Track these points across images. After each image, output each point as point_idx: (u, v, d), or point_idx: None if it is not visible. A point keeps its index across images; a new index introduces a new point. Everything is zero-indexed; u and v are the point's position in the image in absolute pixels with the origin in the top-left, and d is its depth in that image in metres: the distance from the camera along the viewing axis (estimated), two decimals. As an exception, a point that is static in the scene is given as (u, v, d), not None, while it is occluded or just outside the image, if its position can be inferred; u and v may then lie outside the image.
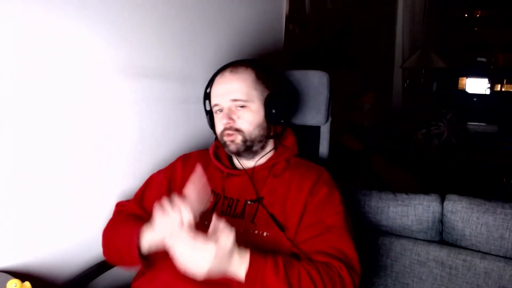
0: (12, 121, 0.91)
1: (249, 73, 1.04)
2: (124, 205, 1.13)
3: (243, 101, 1.01)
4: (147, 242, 0.92)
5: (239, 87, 1.02)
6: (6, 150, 0.91)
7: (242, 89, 1.02)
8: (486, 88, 5.31)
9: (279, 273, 0.82)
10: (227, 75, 1.04)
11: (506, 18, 5.03)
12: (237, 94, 1.01)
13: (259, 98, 1.04)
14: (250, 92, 1.02)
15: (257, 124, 1.03)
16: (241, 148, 1.03)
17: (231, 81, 1.03)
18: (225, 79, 1.04)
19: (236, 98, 1.01)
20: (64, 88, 1.01)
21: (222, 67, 1.09)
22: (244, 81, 1.02)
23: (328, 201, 0.97)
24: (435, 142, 2.87)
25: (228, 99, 1.02)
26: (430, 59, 3.69)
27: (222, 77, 1.05)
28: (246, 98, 1.01)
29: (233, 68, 1.05)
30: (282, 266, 0.83)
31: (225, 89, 1.03)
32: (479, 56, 5.32)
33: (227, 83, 1.03)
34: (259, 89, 1.04)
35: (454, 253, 1.17)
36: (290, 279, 0.82)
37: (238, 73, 1.03)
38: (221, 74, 1.06)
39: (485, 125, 3.77)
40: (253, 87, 1.03)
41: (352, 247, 0.90)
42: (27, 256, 0.98)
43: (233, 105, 1.02)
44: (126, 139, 1.20)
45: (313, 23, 2.38)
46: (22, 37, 0.91)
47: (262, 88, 1.05)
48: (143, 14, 1.19)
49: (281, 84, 1.10)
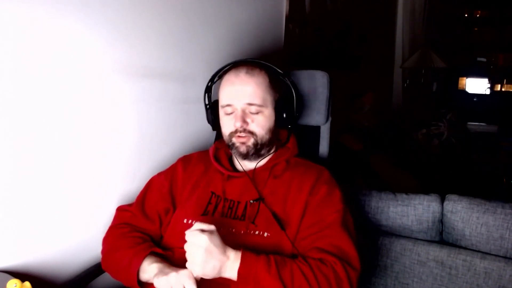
0: (11, 121, 0.91)
1: (264, 77, 1.03)
2: (125, 210, 1.10)
3: (259, 106, 1.01)
4: (145, 278, 0.92)
5: (255, 91, 1.00)
6: (6, 150, 0.91)
7: (258, 93, 1.01)
8: (486, 88, 5.31)
9: (271, 270, 0.83)
10: (243, 75, 1.01)
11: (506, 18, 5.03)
12: (254, 99, 1.00)
13: (271, 102, 1.04)
14: (265, 96, 1.02)
15: (268, 129, 1.04)
16: (251, 151, 1.03)
17: (248, 83, 1.01)
18: (241, 79, 1.01)
19: (252, 102, 1.00)
20: (63, 88, 1.01)
21: (233, 65, 1.06)
22: (260, 85, 1.01)
23: (328, 200, 0.97)
24: (435, 142, 2.86)
25: (244, 101, 1.00)
26: (430, 59, 3.68)
27: (237, 77, 1.02)
28: (261, 103, 1.01)
29: (248, 69, 1.03)
30: (274, 263, 0.84)
31: (241, 90, 1.01)
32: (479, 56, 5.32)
33: (243, 85, 1.01)
34: (271, 94, 1.04)
35: (454, 253, 1.17)
36: (282, 276, 0.83)
37: (254, 76, 1.02)
38: (236, 74, 1.03)
39: (485, 125, 3.77)
40: (267, 91, 1.03)
41: (350, 243, 0.90)
42: (27, 256, 0.98)
43: (247, 108, 1.01)
44: (126, 139, 1.20)
45: (313, 23, 2.38)
46: (22, 37, 0.91)
47: (274, 92, 1.05)
48: (143, 14, 1.19)
49: (291, 88, 1.09)
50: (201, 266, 0.82)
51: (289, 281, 0.82)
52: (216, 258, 0.82)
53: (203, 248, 0.81)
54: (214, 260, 0.82)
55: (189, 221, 1.01)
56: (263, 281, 0.82)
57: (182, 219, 1.02)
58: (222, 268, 0.84)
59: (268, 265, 0.84)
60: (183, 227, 1.00)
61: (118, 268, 0.97)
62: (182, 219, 1.02)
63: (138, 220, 1.06)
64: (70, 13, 0.99)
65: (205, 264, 0.82)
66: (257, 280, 0.83)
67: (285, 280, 0.82)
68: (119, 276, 0.98)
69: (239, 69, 1.03)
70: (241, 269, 0.83)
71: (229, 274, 0.84)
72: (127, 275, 0.93)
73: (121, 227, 1.06)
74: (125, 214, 1.09)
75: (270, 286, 0.82)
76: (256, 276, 0.83)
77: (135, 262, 0.93)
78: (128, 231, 1.04)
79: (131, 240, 1.00)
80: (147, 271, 0.91)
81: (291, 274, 0.83)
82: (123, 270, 0.95)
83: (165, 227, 1.06)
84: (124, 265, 0.94)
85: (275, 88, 1.06)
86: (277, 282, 0.82)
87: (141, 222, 1.06)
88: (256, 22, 1.72)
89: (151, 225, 1.06)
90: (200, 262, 0.82)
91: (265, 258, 0.85)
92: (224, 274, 0.84)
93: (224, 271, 0.84)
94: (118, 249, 1.00)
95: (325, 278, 0.83)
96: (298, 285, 0.82)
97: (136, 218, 1.06)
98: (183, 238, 0.85)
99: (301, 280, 0.83)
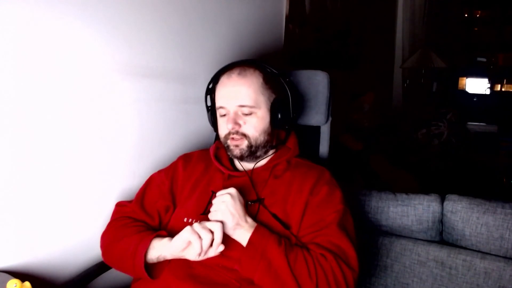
0: (11, 121, 0.91)
1: (257, 77, 1.02)
2: (125, 206, 1.10)
3: (250, 107, 1.00)
4: (155, 254, 0.92)
5: (247, 92, 0.99)
6: (6, 150, 0.91)
7: (249, 94, 1.00)
8: (486, 88, 5.30)
9: (280, 246, 0.87)
10: (235, 77, 1.01)
11: (506, 18, 5.02)
12: (245, 100, 0.99)
13: (266, 103, 1.02)
14: (257, 97, 1.01)
15: (262, 130, 1.03)
16: (246, 153, 1.03)
17: (239, 85, 1.00)
18: (232, 81, 1.01)
19: (243, 104, 0.99)
20: (63, 88, 1.01)
21: (229, 66, 1.06)
22: (252, 86, 1.00)
23: (329, 200, 0.97)
24: (435, 142, 2.86)
25: (235, 104, 1.00)
26: (430, 59, 3.68)
27: (229, 79, 1.01)
28: (253, 104, 1.00)
29: (241, 70, 1.02)
30: (283, 242, 0.89)
31: (232, 92, 1.00)
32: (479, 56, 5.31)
33: (234, 86, 1.00)
34: (266, 94, 1.02)
35: (454, 253, 1.17)
36: (288, 255, 0.86)
37: (247, 77, 1.01)
38: (228, 75, 1.02)
39: (485, 125, 3.77)
40: (261, 92, 1.01)
41: (348, 243, 0.91)
42: (27, 256, 0.98)
43: (240, 110, 1.00)
44: (126, 139, 1.20)
45: (313, 23, 2.38)
46: (22, 36, 0.91)
47: (269, 93, 1.03)
48: (143, 14, 1.19)
49: (287, 88, 1.08)
50: (223, 210, 0.89)
51: (292, 262, 0.86)
52: (238, 210, 0.90)
53: (230, 196, 0.90)
54: (235, 210, 0.89)
55: (189, 220, 1.01)
56: (271, 253, 0.86)
57: (182, 217, 1.02)
58: (237, 227, 0.89)
59: (278, 242, 0.88)
60: (183, 226, 1.00)
61: (123, 256, 0.95)
62: (182, 217, 1.02)
63: (138, 215, 1.06)
64: (70, 13, 0.99)
65: (227, 208, 0.89)
66: (265, 250, 0.87)
67: (290, 259, 0.86)
68: (123, 265, 0.96)
69: (232, 71, 1.03)
70: (254, 236, 0.88)
71: (241, 237, 0.90)
72: (134, 260, 0.91)
73: (122, 219, 1.06)
74: (125, 209, 1.09)
75: (276, 259, 0.86)
76: (266, 247, 0.87)
77: (142, 245, 0.92)
78: (130, 222, 1.04)
79: (134, 229, 1.00)
80: (157, 246, 0.92)
81: (296, 257, 0.87)
82: (128, 258, 0.93)
83: (165, 226, 1.05)
84: (130, 252, 0.93)
85: (271, 89, 1.04)
86: (283, 258, 0.86)
87: (140, 217, 1.06)
88: (256, 22, 1.72)
89: (150, 220, 1.05)
90: (224, 207, 0.89)
91: (277, 236, 0.90)
92: (237, 233, 0.90)
93: (238, 229, 0.90)
94: (121, 238, 0.98)
95: (323, 272, 0.85)
96: (299, 270, 0.85)
97: (136, 213, 1.06)
98: None
99: (302, 266, 0.85)
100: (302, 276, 0.84)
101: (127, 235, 0.98)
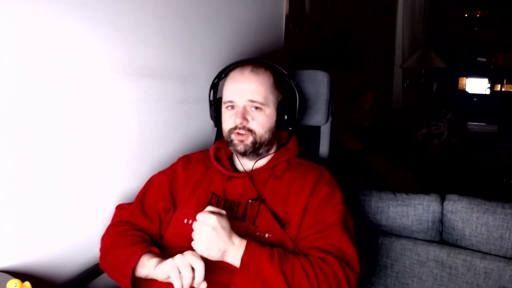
0: (11, 121, 0.91)
1: (269, 77, 1.05)
2: (125, 209, 1.10)
3: (260, 103, 1.02)
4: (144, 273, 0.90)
5: (258, 89, 1.02)
6: (5, 150, 0.91)
7: (261, 91, 1.02)
8: (486, 88, 5.30)
9: (274, 262, 0.84)
10: (248, 74, 1.03)
11: (506, 18, 5.02)
12: (256, 96, 1.01)
13: (274, 103, 1.05)
14: (267, 96, 1.03)
15: (268, 128, 1.04)
16: (249, 149, 1.03)
17: (251, 81, 1.02)
18: (244, 77, 1.03)
19: (254, 99, 1.01)
20: (63, 88, 1.01)
21: (240, 63, 1.08)
22: (264, 84, 1.03)
23: (329, 201, 0.97)
24: (435, 142, 2.86)
25: (246, 98, 1.01)
26: (430, 59, 3.68)
27: (241, 75, 1.04)
28: (263, 101, 1.02)
29: (254, 67, 1.04)
30: (277, 255, 0.85)
31: (244, 88, 1.02)
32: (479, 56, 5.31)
33: (247, 82, 1.02)
34: (275, 94, 1.05)
35: (454, 253, 1.17)
36: (284, 269, 0.84)
37: (259, 75, 1.03)
38: (241, 71, 1.04)
39: (485, 125, 3.77)
40: (270, 91, 1.04)
41: (349, 244, 0.90)
42: (27, 256, 0.98)
43: (249, 105, 1.02)
44: (126, 139, 1.20)
45: (313, 23, 2.38)
46: (22, 36, 0.91)
47: (277, 93, 1.06)
48: (143, 14, 1.19)
49: (295, 90, 1.10)
50: (206, 244, 0.83)
51: (290, 275, 0.83)
52: (222, 239, 0.84)
53: (211, 227, 0.83)
54: (219, 242, 0.83)
55: (189, 221, 1.01)
56: (265, 271, 0.83)
57: (182, 219, 1.02)
58: (226, 252, 0.85)
59: (271, 257, 0.85)
60: (183, 227, 1.00)
61: (114, 267, 0.96)
62: (183, 219, 1.02)
63: (138, 218, 1.06)
64: (70, 13, 0.99)
65: (210, 243, 0.83)
66: (259, 269, 0.84)
67: (286, 273, 0.83)
68: (114, 275, 0.96)
69: (244, 67, 1.05)
70: (245, 257, 0.84)
71: (232, 260, 0.86)
72: (123, 274, 0.91)
73: (120, 225, 1.05)
74: (124, 212, 1.09)
75: (272, 277, 0.83)
76: (259, 265, 0.84)
77: (131, 261, 0.91)
78: (127, 229, 1.03)
79: (129, 239, 0.99)
80: (146, 265, 0.90)
81: (293, 268, 0.84)
82: (119, 270, 0.93)
83: (165, 227, 1.05)
84: (121, 264, 0.93)
85: (279, 89, 1.06)
86: (279, 274, 0.83)
87: (140, 220, 1.06)
88: (256, 22, 1.72)
89: (150, 223, 1.05)
90: (206, 240, 0.83)
91: (269, 250, 0.86)
92: (228, 258, 0.86)
93: (228, 255, 0.85)
94: (115, 248, 0.99)
95: (324, 277, 0.84)
96: (298, 280, 0.83)
97: (135, 216, 1.06)
98: (183, 238, 0.85)
99: (301, 275, 0.84)
100: (302, 285, 0.83)
101: (120, 246, 0.98)
